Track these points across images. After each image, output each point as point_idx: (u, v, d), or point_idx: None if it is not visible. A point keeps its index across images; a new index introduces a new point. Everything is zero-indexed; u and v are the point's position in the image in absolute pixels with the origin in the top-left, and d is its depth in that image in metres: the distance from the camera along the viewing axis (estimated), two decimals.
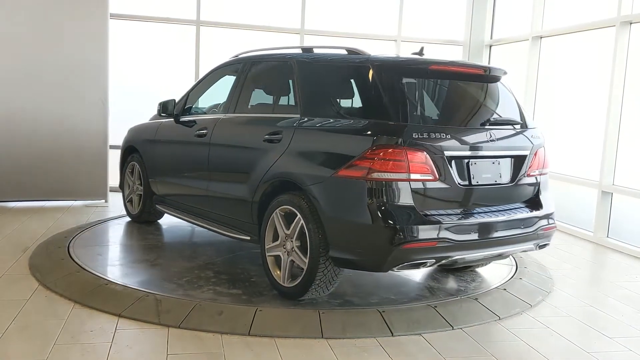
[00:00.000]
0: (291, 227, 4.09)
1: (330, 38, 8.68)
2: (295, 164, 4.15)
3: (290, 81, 4.56)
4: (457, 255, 3.91)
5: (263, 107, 5.00)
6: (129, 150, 6.40)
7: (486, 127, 4.13)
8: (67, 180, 7.25)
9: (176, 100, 5.73)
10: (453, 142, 3.89)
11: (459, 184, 3.89)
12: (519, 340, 3.77)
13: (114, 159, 7.72)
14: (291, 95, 4.59)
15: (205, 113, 5.59)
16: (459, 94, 4.42)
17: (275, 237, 4.25)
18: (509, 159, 4.20)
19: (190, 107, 5.66)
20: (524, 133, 4.36)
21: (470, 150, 3.99)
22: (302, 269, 4.00)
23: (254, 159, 4.46)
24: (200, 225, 5.28)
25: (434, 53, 9.19)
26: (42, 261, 4.82)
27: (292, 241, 4.09)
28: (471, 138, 4.03)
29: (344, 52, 4.39)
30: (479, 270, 5.03)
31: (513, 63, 8.74)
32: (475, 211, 4.01)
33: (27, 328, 3.58)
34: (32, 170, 7.09)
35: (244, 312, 3.86)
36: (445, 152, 3.83)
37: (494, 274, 4.99)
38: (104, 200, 7.44)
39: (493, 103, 4.49)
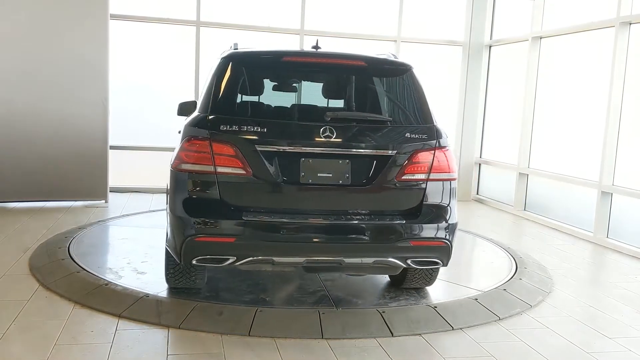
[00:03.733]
0: None
1: (330, 38, 8.68)
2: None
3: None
4: (264, 256, 3.66)
5: None
6: None
7: (329, 122, 3.76)
8: (68, 180, 7.25)
9: (197, 102, 5.86)
10: (275, 137, 3.69)
11: (281, 181, 3.68)
12: (519, 340, 3.77)
13: (114, 159, 7.75)
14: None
15: None
16: (309, 87, 4.27)
17: None
18: (364, 159, 3.79)
19: None
20: (397, 131, 3.89)
21: (299, 146, 3.73)
22: None
23: None
24: None
25: (434, 53, 9.27)
26: (43, 261, 4.82)
27: None
28: (304, 134, 3.76)
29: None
30: (477, 271, 5.03)
31: (513, 63, 8.75)
32: (299, 211, 3.72)
33: (27, 329, 3.59)
34: (33, 171, 7.09)
35: (244, 312, 3.86)
36: (260, 147, 3.65)
37: (494, 274, 4.99)
38: (104, 201, 7.44)
39: (363, 98, 4.25)
